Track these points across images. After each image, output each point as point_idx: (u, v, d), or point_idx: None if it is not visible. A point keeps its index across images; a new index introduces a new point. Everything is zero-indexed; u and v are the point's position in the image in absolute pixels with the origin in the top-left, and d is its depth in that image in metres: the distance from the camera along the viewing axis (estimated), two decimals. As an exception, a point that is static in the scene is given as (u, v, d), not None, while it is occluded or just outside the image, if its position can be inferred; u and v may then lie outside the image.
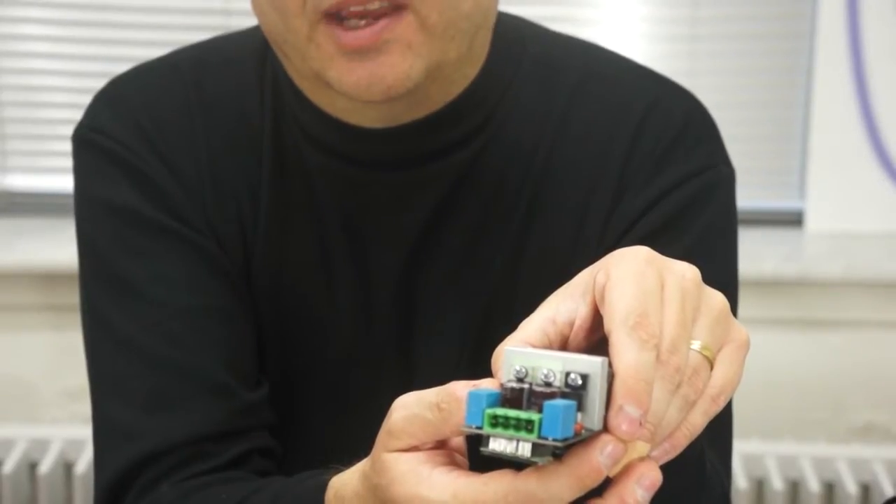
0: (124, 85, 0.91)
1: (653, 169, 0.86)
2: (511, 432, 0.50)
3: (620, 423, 0.51)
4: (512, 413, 0.50)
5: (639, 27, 1.91)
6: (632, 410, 0.51)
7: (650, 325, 0.53)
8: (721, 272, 0.85)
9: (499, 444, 0.51)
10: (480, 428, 0.51)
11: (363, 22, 0.74)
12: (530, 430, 0.50)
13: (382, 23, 0.74)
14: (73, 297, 0.91)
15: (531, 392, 0.51)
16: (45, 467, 1.77)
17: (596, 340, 0.58)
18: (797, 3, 1.88)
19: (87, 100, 0.92)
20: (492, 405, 0.51)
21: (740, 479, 1.76)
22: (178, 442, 0.83)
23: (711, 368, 0.57)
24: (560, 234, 0.87)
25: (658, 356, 0.53)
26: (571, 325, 0.57)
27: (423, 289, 0.89)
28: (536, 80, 0.88)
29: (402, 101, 0.81)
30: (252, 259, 0.89)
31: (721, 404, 0.57)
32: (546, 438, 0.49)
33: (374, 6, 0.74)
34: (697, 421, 0.56)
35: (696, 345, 0.56)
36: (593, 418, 0.51)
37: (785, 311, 1.85)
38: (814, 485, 1.75)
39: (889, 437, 1.87)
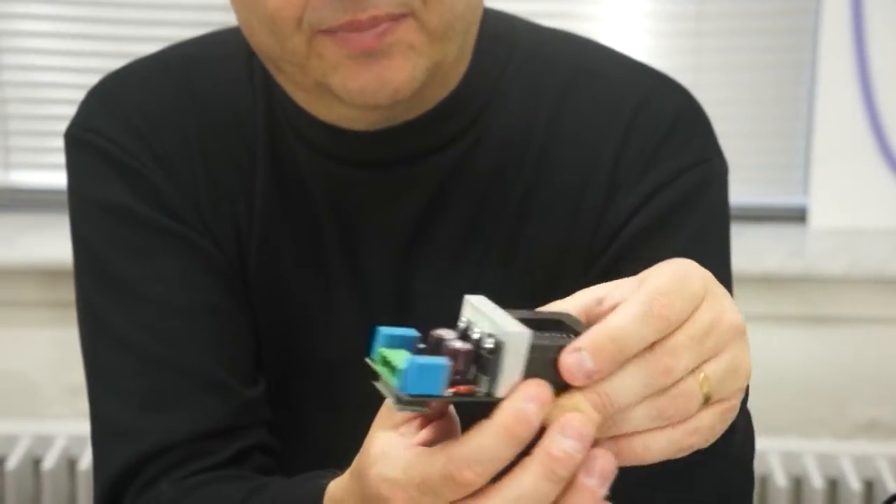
0: (116, 83, 0.91)
1: (645, 165, 0.86)
2: (388, 374, 0.51)
3: (567, 357, 0.51)
4: (391, 356, 0.51)
5: (643, 23, 1.91)
6: (584, 357, 0.50)
7: (667, 307, 0.52)
8: (716, 267, 0.84)
9: (380, 384, 0.52)
10: (375, 362, 0.52)
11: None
12: (396, 377, 0.51)
13: (384, 25, 0.74)
14: (76, 293, 0.91)
15: (444, 344, 0.51)
16: (48, 463, 1.78)
17: None
18: (801, -1, 1.88)
19: (90, 96, 0.92)
20: (395, 346, 0.52)
21: (743, 476, 1.76)
22: (176, 440, 0.83)
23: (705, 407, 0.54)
24: (552, 230, 0.87)
25: (654, 346, 0.52)
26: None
27: (417, 285, 0.89)
28: (526, 76, 0.88)
29: (402, 104, 0.81)
30: (247, 257, 0.89)
31: (695, 443, 0.54)
32: (399, 390, 0.50)
33: (375, 20, 0.74)
34: (660, 445, 0.54)
35: (700, 377, 0.54)
36: (498, 385, 0.51)
37: (789, 308, 1.85)
38: (817, 481, 1.75)
39: (893, 433, 1.87)
